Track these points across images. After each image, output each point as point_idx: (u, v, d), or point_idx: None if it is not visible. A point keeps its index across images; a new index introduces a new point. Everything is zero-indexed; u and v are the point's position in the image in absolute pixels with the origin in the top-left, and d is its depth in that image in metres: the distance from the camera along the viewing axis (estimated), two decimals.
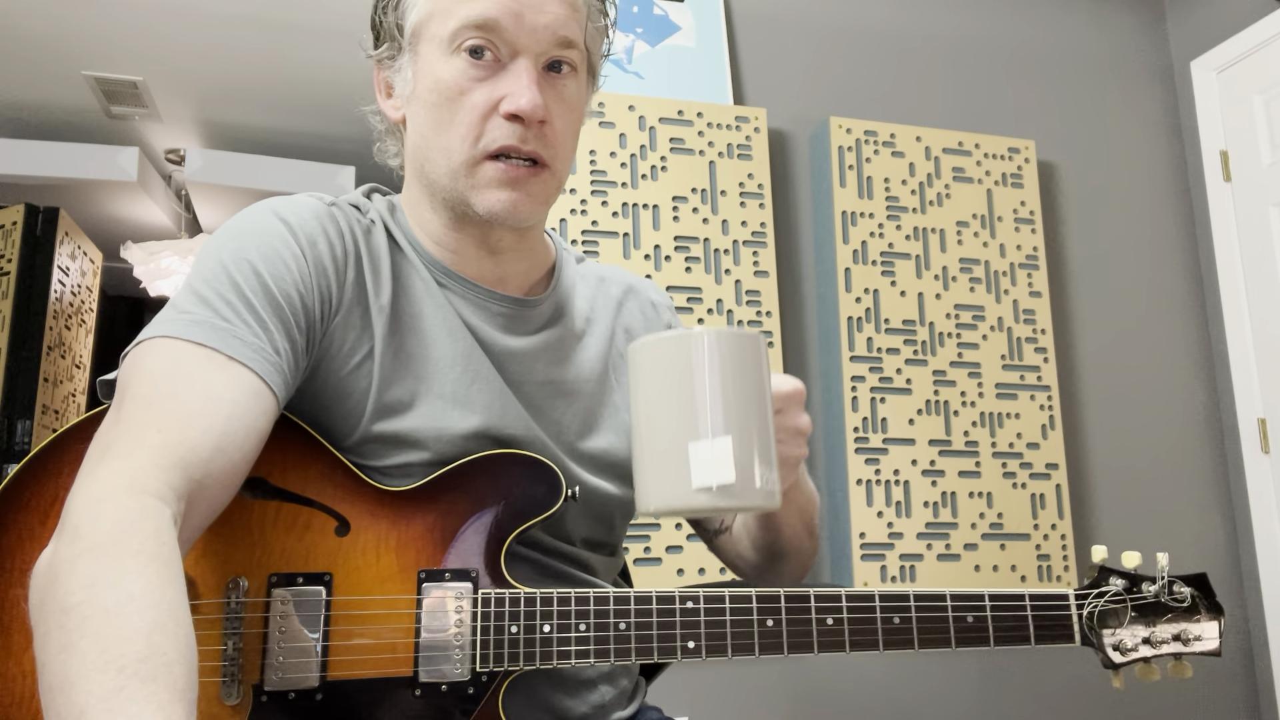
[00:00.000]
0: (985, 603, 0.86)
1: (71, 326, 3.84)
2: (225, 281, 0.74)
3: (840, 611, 0.83)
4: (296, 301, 0.77)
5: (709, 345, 0.65)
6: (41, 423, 3.47)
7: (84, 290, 4.00)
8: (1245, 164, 2.64)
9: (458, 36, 0.79)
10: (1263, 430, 2.54)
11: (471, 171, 0.81)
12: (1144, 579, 0.92)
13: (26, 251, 3.57)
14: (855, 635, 0.83)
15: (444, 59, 0.80)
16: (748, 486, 0.63)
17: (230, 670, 0.71)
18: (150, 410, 0.67)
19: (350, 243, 0.83)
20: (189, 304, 0.73)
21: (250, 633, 0.73)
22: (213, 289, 0.74)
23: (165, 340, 0.71)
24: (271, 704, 0.71)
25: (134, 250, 4.22)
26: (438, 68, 0.81)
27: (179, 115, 3.89)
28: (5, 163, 3.92)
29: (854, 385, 2.31)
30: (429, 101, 0.81)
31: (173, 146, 4.21)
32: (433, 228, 0.87)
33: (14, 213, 3.62)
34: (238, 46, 3.31)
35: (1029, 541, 2.35)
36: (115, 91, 3.63)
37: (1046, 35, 2.82)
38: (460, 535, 0.78)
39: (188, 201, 4.49)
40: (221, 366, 0.70)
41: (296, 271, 0.77)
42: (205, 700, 0.71)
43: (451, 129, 0.80)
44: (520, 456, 0.81)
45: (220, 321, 0.72)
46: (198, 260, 0.77)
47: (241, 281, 0.74)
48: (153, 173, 4.29)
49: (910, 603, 0.85)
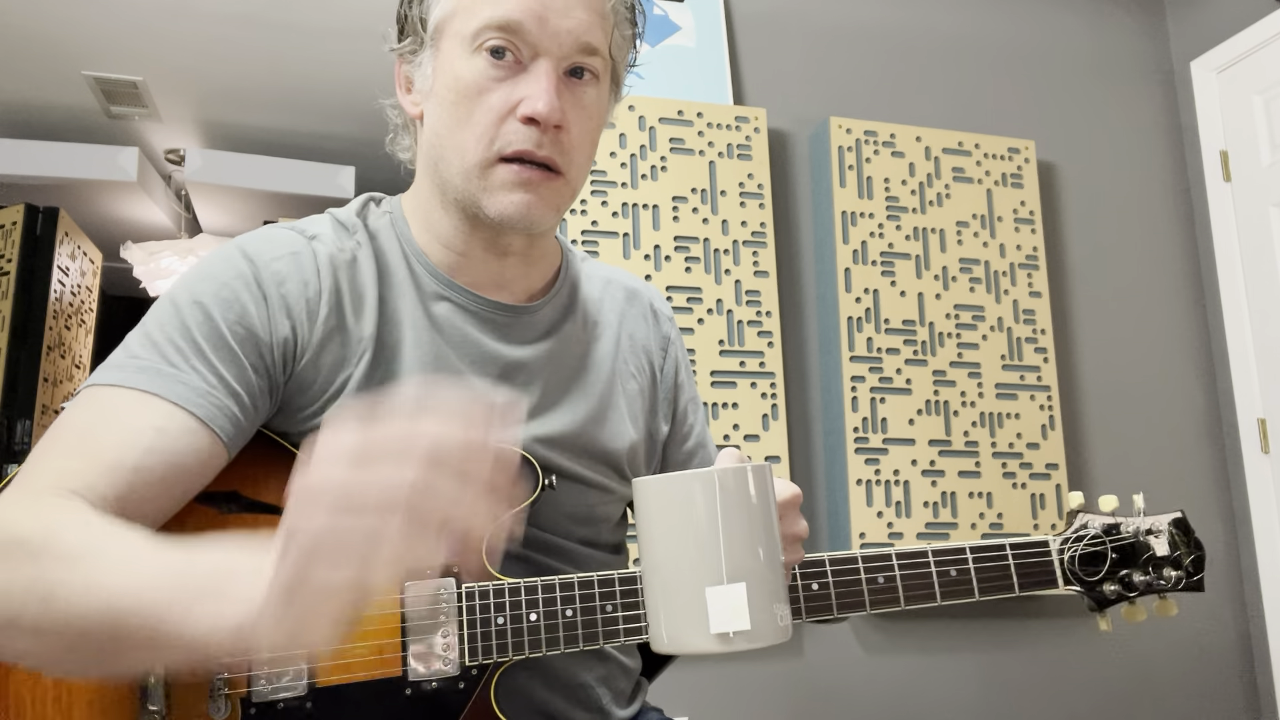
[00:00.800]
0: (967, 555, 0.87)
1: (71, 326, 3.84)
2: (176, 325, 0.75)
3: (825, 576, 0.83)
4: (253, 343, 0.76)
5: (719, 488, 0.65)
6: (41, 423, 3.47)
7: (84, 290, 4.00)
8: (1245, 164, 2.64)
9: (480, 35, 0.78)
10: (1263, 430, 2.54)
11: (485, 173, 0.80)
12: (1122, 521, 0.94)
13: (26, 251, 3.57)
14: (842, 599, 0.83)
15: (465, 57, 0.80)
16: (763, 627, 0.64)
17: (217, 684, 0.70)
18: (59, 447, 0.69)
19: (328, 278, 0.81)
20: (138, 347, 0.74)
21: None
22: (163, 333, 0.74)
23: (105, 389, 0.72)
24: (260, 716, 0.71)
25: (134, 250, 4.22)
26: (458, 65, 0.80)
27: (179, 115, 3.89)
28: (5, 163, 3.92)
29: (854, 385, 2.31)
30: (447, 99, 0.80)
31: (173, 146, 4.21)
32: (442, 228, 0.86)
33: (14, 213, 3.62)
34: (238, 46, 3.31)
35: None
36: (115, 91, 3.63)
37: (1047, 35, 2.82)
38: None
39: (187, 201, 4.49)
40: (152, 407, 0.70)
41: (255, 313, 0.76)
42: (193, 716, 0.70)
43: (467, 128, 0.79)
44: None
45: (166, 367, 0.72)
46: (159, 300, 0.77)
47: (193, 325, 0.74)
48: (153, 173, 4.29)
49: (893, 561, 0.85)
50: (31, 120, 3.88)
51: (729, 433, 2.22)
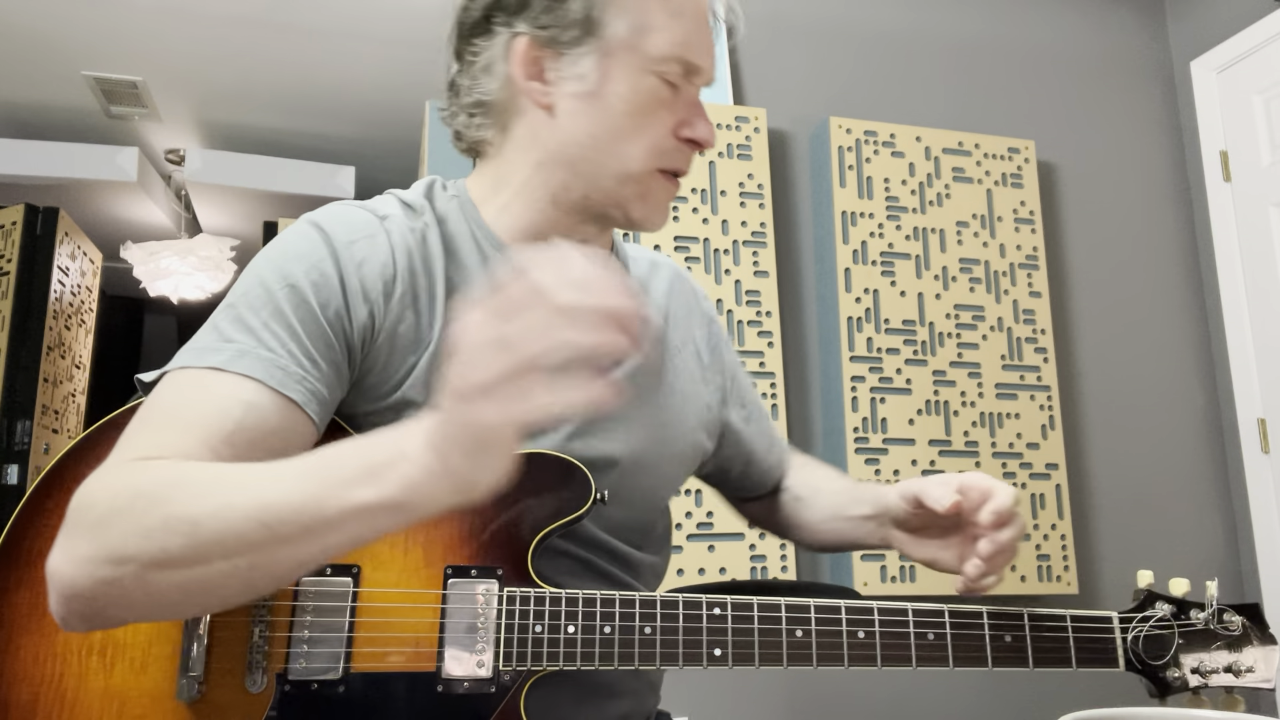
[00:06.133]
0: (1024, 622, 0.83)
1: (71, 326, 3.85)
2: (270, 308, 0.75)
3: (872, 625, 0.81)
4: (340, 325, 0.77)
5: None
6: (41, 423, 3.47)
7: (84, 290, 4.00)
8: (1245, 164, 2.64)
9: (665, 64, 0.81)
10: (1263, 430, 2.54)
11: (642, 181, 0.83)
12: (1192, 605, 0.87)
13: (26, 251, 3.57)
14: (887, 650, 0.81)
15: (640, 73, 0.81)
16: None
17: (256, 658, 0.72)
18: (151, 424, 0.70)
19: (402, 260, 0.81)
20: (232, 329, 0.74)
21: (278, 620, 0.73)
22: (257, 315, 0.75)
23: (198, 371, 0.72)
24: (294, 693, 0.72)
25: (134, 250, 4.23)
26: (635, 79, 0.81)
27: (179, 115, 3.89)
28: (5, 163, 3.93)
29: (854, 385, 2.31)
30: (617, 109, 0.81)
31: (173, 146, 4.21)
32: (525, 218, 0.85)
33: (14, 213, 3.62)
34: (238, 46, 3.31)
35: (1029, 541, 2.35)
36: (115, 91, 3.63)
37: (1046, 35, 2.82)
38: (488, 532, 0.78)
39: (187, 201, 4.49)
40: (245, 387, 0.71)
41: (341, 296, 0.77)
42: (229, 688, 0.72)
43: (636, 141, 0.82)
44: (550, 457, 0.81)
45: (262, 350, 0.73)
46: (244, 278, 0.78)
47: (287, 308, 0.75)
48: (153, 173, 4.29)
49: (945, 619, 0.82)
50: (31, 120, 3.89)
51: None
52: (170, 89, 3.67)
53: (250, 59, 3.43)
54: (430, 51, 1.07)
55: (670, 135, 0.83)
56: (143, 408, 0.72)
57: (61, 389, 3.74)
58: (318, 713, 0.72)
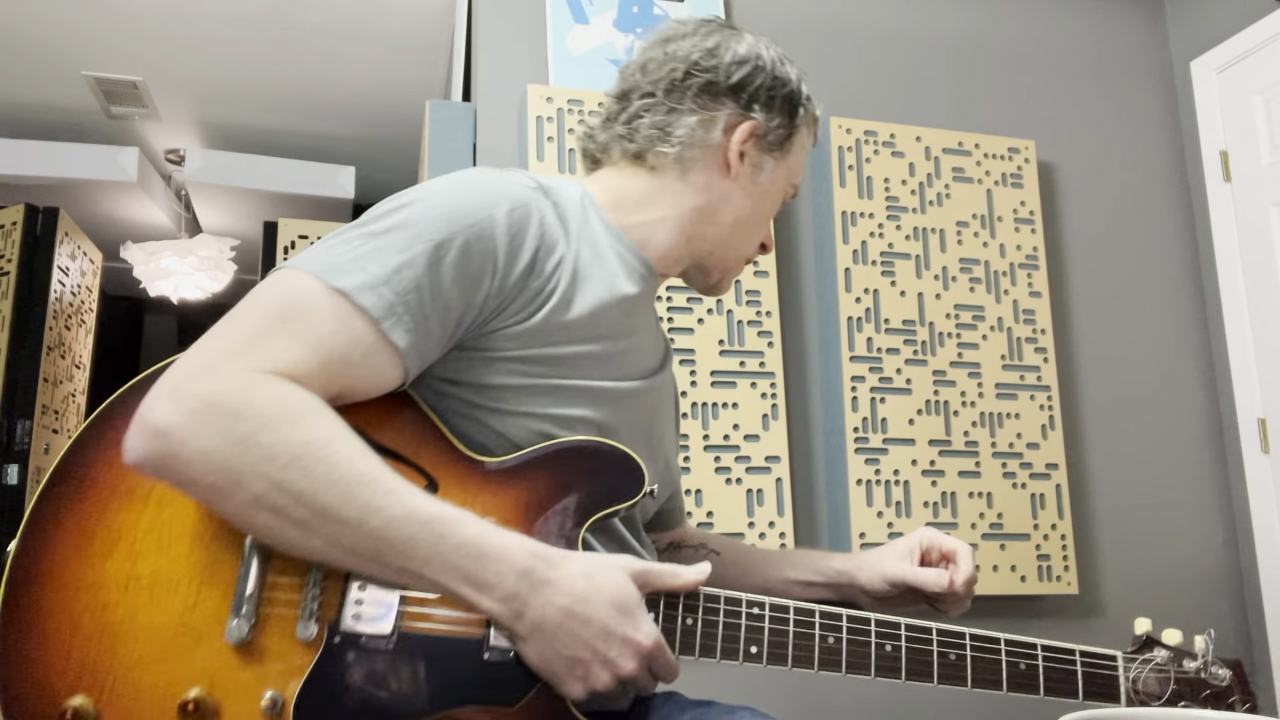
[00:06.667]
0: (1038, 652, 0.92)
1: (71, 326, 3.84)
2: (412, 251, 0.78)
3: (899, 639, 0.87)
4: (478, 284, 0.81)
5: None
6: (41, 423, 3.47)
7: (84, 290, 4.00)
8: (1245, 164, 2.64)
9: (790, 190, 1.06)
10: (1263, 430, 2.54)
11: (741, 262, 1.05)
12: (1185, 654, 0.97)
13: (26, 251, 3.57)
14: (911, 665, 0.87)
15: (780, 192, 1.04)
16: None
17: (311, 607, 0.74)
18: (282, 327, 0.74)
19: (547, 226, 0.87)
20: (369, 258, 0.78)
21: (336, 572, 0.75)
22: (399, 255, 0.78)
23: (332, 293, 0.76)
24: (344, 645, 0.73)
25: (134, 250, 4.23)
26: (778, 195, 1.04)
27: (179, 115, 3.89)
28: (5, 163, 3.92)
29: (854, 385, 2.31)
30: (761, 204, 1.02)
31: (173, 146, 4.21)
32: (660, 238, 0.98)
33: (14, 213, 3.62)
34: (238, 46, 3.31)
35: (1029, 542, 2.35)
36: (115, 91, 3.63)
37: (1046, 35, 2.82)
38: (543, 513, 0.81)
39: (188, 201, 4.49)
40: (363, 321, 0.76)
41: (492, 265, 0.82)
42: (279, 634, 0.74)
43: (754, 235, 1.04)
44: (607, 447, 0.84)
45: (387, 291, 0.77)
46: (398, 210, 0.81)
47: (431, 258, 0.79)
48: (153, 173, 4.29)
49: (965, 640, 0.88)
50: (31, 120, 3.88)
51: (729, 433, 2.22)
52: (170, 89, 3.67)
53: (250, 59, 3.43)
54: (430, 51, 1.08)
55: (762, 238, 1.06)
56: (271, 292, 0.76)
57: (61, 389, 3.74)
58: (362, 667, 0.73)
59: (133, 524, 0.74)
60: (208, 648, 0.72)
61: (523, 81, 2.34)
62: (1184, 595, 2.52)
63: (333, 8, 3.05)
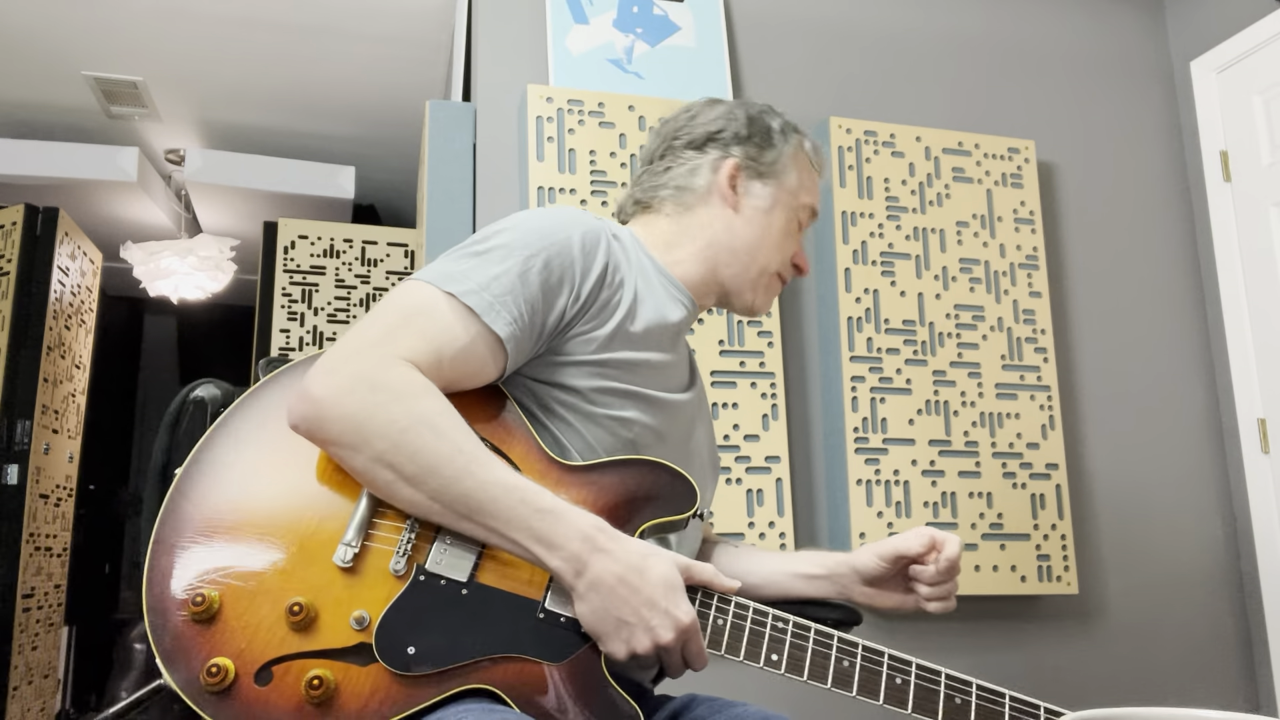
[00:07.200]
0: (972, 690, 0.96)
1: (71, 326, 3.84)
2: (511, 261, 0.97)
3: (909, 674, 0.95)
4: (562, 295, 0.99)
5: None
6: (41, 423, 3.47)
7: (84, 290, 4.00)
8: (1245, 164, 2.64)
9: (804, 211, 1.20)
10: (1263, 430, 2.54)
11: (768, 280, 1.18)
12: None
13: (26, 251, 3.56)
14: (918, 701, 0.94)
15: (791, 211, 1.19)
16: None
17: (404, 549, 0.88)
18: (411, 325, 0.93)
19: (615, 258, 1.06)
20: (477, 273, 0.96)
21: (428, 525, 0.90)
22: (502, 264, 0.97)
23: (456, 306, 0.95)
24: (427, 582, 0.88)
25: (134, 250, 4.22)
26: (786, 215, 1.18)
27: (179, 115, 3.89)
28: (5, 163, 3.92)
29: (854, 385, 2.31)
30: (771, 226, 1.17)
31: (173, 146, 4.21)
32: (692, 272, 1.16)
33: (14, 213, 3.62)
34: (238, 46, 3.31)
35: (1029, 541, 2.35)
36: (115, 91, 3.63)
37: (1046, 35, 2.82)
38: (603, 512, 0.93)
39: (187, 201, 4.49)
40: (481, 327, 0.95)
41: (573, 273, 1.01)
42: (377, 567, 0.88)
43: (770, 251, 1.17)
44: (668, 468, 0.99)
45: (486, 295, 0.95)
46: (511, 235, 1.00)
47: (527, 269, 0.97)
48: (153, 173, 4.29)
49: (973, 691, 0.95)
50: (31, 120, 3.88)
51: (729, 433, 2.22)
52: (170, 89, 3.67)
53: (250, 59, 3.43)
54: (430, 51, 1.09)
55: (788, 257, 1.19)
56: (400, 298, 0.95)
57: (61, 389, 3.74)
58: (437, 605, 0.87)
59: (273, 469, 0.92)
60: (319, 567, 0.86)
61: (523, 81, 2.34)
62: (1184, 595, 2.53)
63: (333, 7, 3.05)
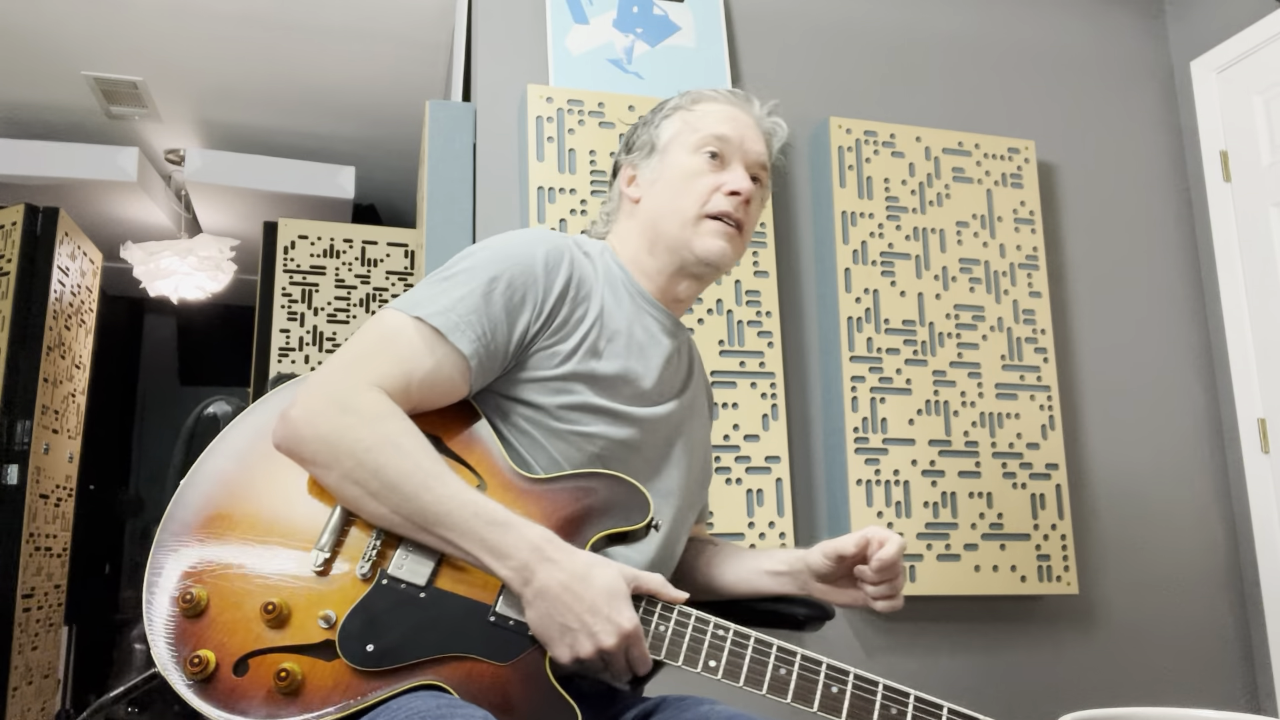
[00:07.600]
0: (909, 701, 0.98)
1: (71, 326, 3.84)
2: (473, 284, 1.04)
3: (845, 684, 0.97)
4: (523, 313, 1.05)
5: None
6: (41, 423, 3.47)
7: (84, 290, 4.00)
8: (1245, 164, 2.64)
9: (702, 143, 1.18)
10: (1263, 430, 2.54)
11: (697, 224, 1.16)
12: None
13: (26, 251, 3.56)
14: (853, 710, 0.95)
15: (688, 156, 1.19)
16: None
17: (369, 555, 0.96)
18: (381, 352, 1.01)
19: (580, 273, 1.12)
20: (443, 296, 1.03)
21: (392, 535, 0.98)
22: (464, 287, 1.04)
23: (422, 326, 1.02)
24: (389, 586, 0.95)
25: (134, 250, 4.22)
26: (683, 161, 1.19)
27: (179, 115, 3.89)
28: (5, 163, 3.92)
29: (854, 385, 2.31)
30: (674, 182, 1.18)
31: (173, 146, 4.21)
32: (640, 264, 1.19)
33: (14, 213, 3.62)
34: (238, 46, 3.31)
35: (1029, 541, 2.35)
36: (115, 91, 3.63)
37: (1046, 35, 2.82)
38: (560, 522, 0.99)
39: (187, 201, 4.49)
40: (446, 347, 1.01)
41: (536, 292, 1.06)
42: (344, 575, 0.95)
43: (687, 197, 1.17)
44: (625, 482, 1.03)
45: (473, 323, 1.02)
46: (465, 260, 1.07)
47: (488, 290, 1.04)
48: (153, 173, 4.29)
49: (909, 702, 0.97)
50: (31, 120, 3.88)
51: (729, 433, 2.22)
52: (170, 89, 3.67)
53: (250, 59, 3.43)
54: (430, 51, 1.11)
55: (711, 191, 1.17)
56: (373, 326, 1.03)
57: (61, 389, 3.74)
58: (397, 607, 0.94)
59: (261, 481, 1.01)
60: (294, 570, 0.95)
61: (523, 81, 2.34)
62: (1184, 595, 2.52)
63: (333, 7, 3.05)
